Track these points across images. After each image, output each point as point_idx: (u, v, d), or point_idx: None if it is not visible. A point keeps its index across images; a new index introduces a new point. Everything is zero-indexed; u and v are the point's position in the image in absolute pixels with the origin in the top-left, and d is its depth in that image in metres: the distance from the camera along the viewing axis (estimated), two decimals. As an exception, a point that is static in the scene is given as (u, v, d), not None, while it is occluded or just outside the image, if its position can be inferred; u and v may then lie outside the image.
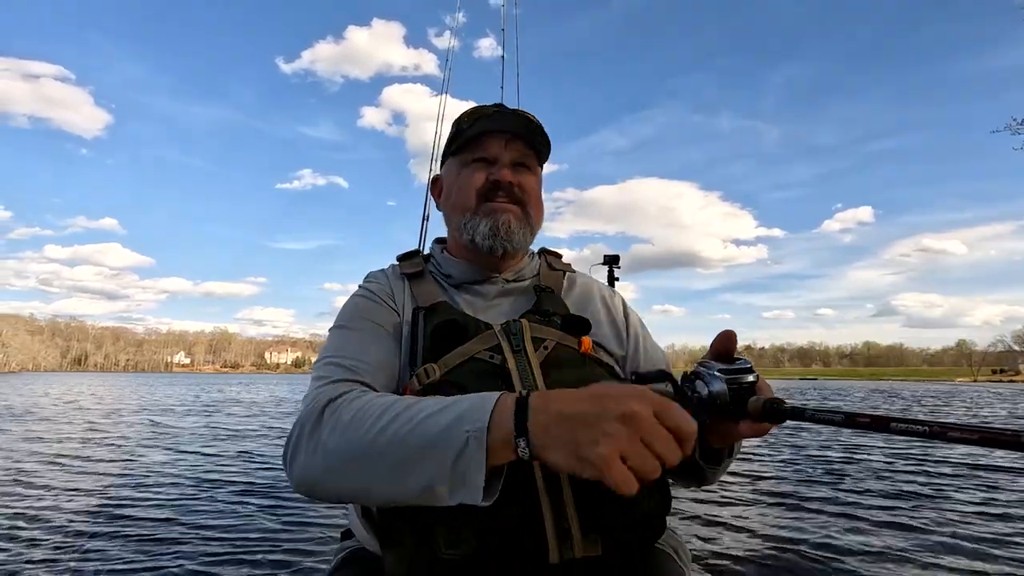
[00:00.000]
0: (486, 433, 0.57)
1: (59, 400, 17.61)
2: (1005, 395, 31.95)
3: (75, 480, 5.05)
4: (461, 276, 0.97)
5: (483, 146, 0.93)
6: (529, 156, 0.96)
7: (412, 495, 0.61)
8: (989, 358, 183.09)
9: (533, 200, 0.96)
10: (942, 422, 0.46)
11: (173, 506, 4.09)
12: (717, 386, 0.64)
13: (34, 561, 2.94)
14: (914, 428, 0.47)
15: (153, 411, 13.56)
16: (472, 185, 0.93)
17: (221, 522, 3.68)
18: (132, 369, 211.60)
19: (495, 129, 0.92)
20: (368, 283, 0.96)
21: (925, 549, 3.28)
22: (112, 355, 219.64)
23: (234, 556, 3.04)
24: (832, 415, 0.54)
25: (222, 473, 5.44)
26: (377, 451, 0.62)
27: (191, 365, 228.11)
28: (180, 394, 23.46)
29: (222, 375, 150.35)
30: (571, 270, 1.07)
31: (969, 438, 0.43)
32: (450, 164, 1.00)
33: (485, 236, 0.91)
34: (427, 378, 0.77)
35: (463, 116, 0.98)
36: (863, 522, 3.84)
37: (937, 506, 4.28)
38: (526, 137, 0.94)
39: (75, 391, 24.51)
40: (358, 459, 0.63)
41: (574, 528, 0.69)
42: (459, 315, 0.86)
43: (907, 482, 5.29)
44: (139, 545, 3.19)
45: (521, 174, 0.94)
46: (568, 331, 0.85)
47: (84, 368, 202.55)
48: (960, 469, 6.06)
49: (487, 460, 0.57)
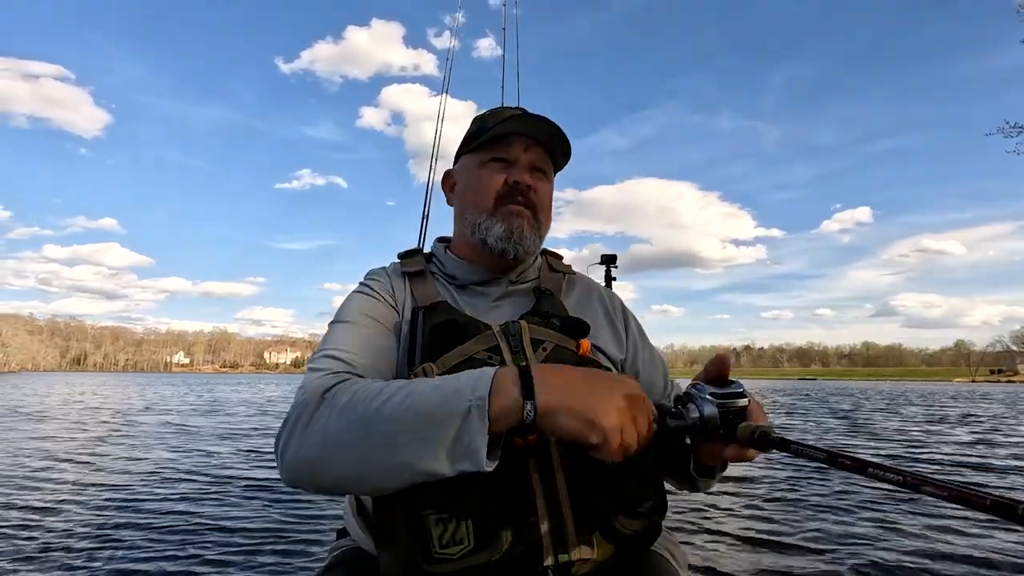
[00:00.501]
0: (487, 401, 0.59)
1: (66, 399, 17.65)
2: (992, 395, 31.94)
3: (65, 480, 5.06)
4: (465, 277, 0.97)
5: (504, 147, 0.93)
6: (547, 163, 0.97)
7: (412, 470, 0.61)
8: (987, 358, 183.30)
9: (545, 207, 0.97)
10: (917, 473, 0.46)
11: (170, 506, 4.08)
12: (708, 410, 0.66)
13: (23, 558, 2.98)
14: (888, 476, 0.48)
15: (156, 410, 13.62)
16: (491, 186, 0.93)
17: (216, 521, 3.67)
18: (131, 369, 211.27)
19: (520, 131, 0.92)
20: (369, 280, 0.96)
21: (923, 556, 3.22)
22: (111, 355, 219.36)
23: (229, 555, 3.03)
24: (815, 451, 0.56)
25: (219, 472, 5.45)
26: (375, 427, 0.62)
27: (190, 365, 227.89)
28: (181, 393, 23.52)
29: (221, 375, 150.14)
30: (571, 271, 1.07)
31: (939, 494, 0.44)
32: (467, 161, 0.99)
33: (499, 238, 0.91)
34: (425, 377, 0.78)
35: (486, 114, 0.98)
36: (859, 525, 3.84)
37: (939, 511, 4.21)
38: (546, 143, 0.94)
39: (78, 391, 24.51)
40: (355, 436, 0.63)
41: (569, 529, 0.70)
42: (459, 315, 0.86)
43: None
44: (132, 544, 3.19)
45: (537, 180, 0.95)
46: (567, 333, 0.86)
47: (83, 368, 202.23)
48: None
49: (488, 427, 0.58)
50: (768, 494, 4.85)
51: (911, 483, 0.46)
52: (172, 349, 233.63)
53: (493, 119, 0.95)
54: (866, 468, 0.50)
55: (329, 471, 0.65)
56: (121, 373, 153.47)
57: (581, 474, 0.72)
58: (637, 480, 0.75)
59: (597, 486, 0.72)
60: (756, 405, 0.69)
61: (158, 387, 32.42)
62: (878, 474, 0.49)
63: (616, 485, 0.73)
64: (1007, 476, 5.89)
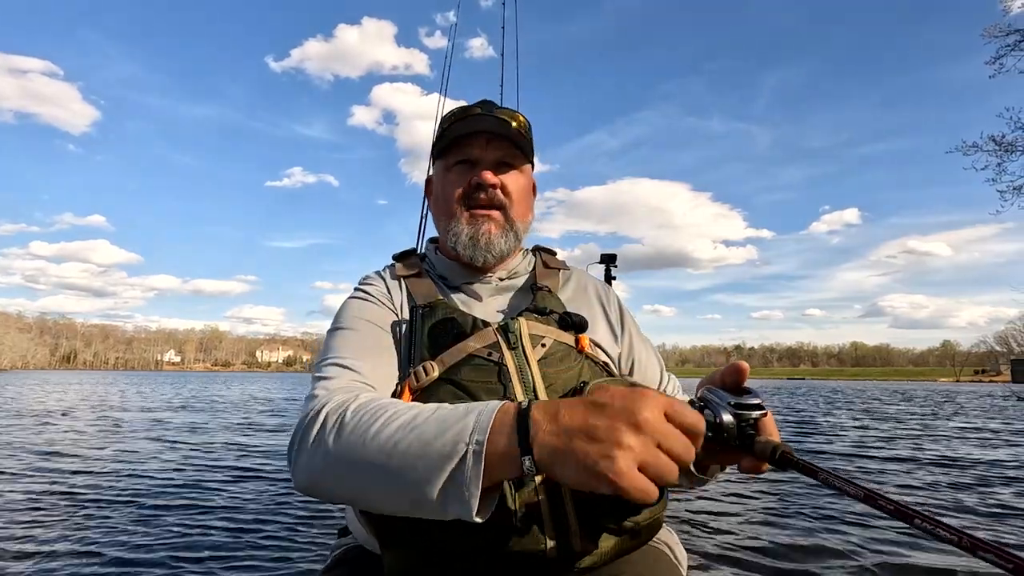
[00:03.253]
0: (484, 448, 0.55)
1: (72, 397, 17.47)
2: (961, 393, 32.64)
3: (55, 478, 4.87)
4: (454, 277, 0.97)
5: (464, 147, 0.92)
6: (514, 154, 0.93)
7: (405, 506, 0.60)
8: (972, 359, 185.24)
9: (518, 201, 0.95)
10: (975, 538, 0.41)
11: (168, 501, 4.05)
12: (726, 417, 0.63)
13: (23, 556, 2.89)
14: (939, 532, 0.43)
15: (156, 408, 13.39)
16: (455, 190, 0.92)
17: (216, 517, 3.63)
18: (122, 367, 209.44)
19: (477, 130, 0.91)
20: (364, 284, 0.95)
21: (921, 550, 3.08)
22: (101, 353, 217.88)
23: (230, 552, 3.00)
24: (848, 485, 0.50)
25: (218, 469, 5.38)
26: (374, 459, 0.61)
27: (181, 363, 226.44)
28: (175, 391, 23.01)
29: (213, 373, 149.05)
30: (566, 267, 1.06)
31: (1002, 564, 0.39)
32: (436, 167, 0.99)
33: (466, 246, 0.91)
34: (425, 376, 0.77)
35: (446, 117, 0.97)
36: (858, 517, 3.74)
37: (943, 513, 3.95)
38: (510, 135, 0.92)
39: (73, 388, 24.02)
40: (355, 464, 0.62)
41: (572, 524, 0.69)
42: (457, 313, 0.85)
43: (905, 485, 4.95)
44: (129, 540, 3.17)
45: (505, 173, 0.92)
46: (565, 329, 0.85)
47: (73, 366, 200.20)
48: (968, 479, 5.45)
49: (484, 475, 0.54)
50: (768, 488, 4.67)
51: (967, 545, 0.41)
52: (163, 347, 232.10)
53: (450, 121, 0.94)
54: (912, 518, 0.45)
55: (332, 490, 0.65)
56: (112, 371, 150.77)
57: None
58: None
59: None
60: (770, 419, 0.66)
61: (156, 385, 30.99)
62: (927, 527, 0.44)
63: None
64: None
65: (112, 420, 10.25)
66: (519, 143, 0.93)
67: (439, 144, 0.95)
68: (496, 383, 0.75)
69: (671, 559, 0.85)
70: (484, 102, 0.97)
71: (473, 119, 0.92)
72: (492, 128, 0.91)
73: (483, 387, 0.75)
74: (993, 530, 3.63)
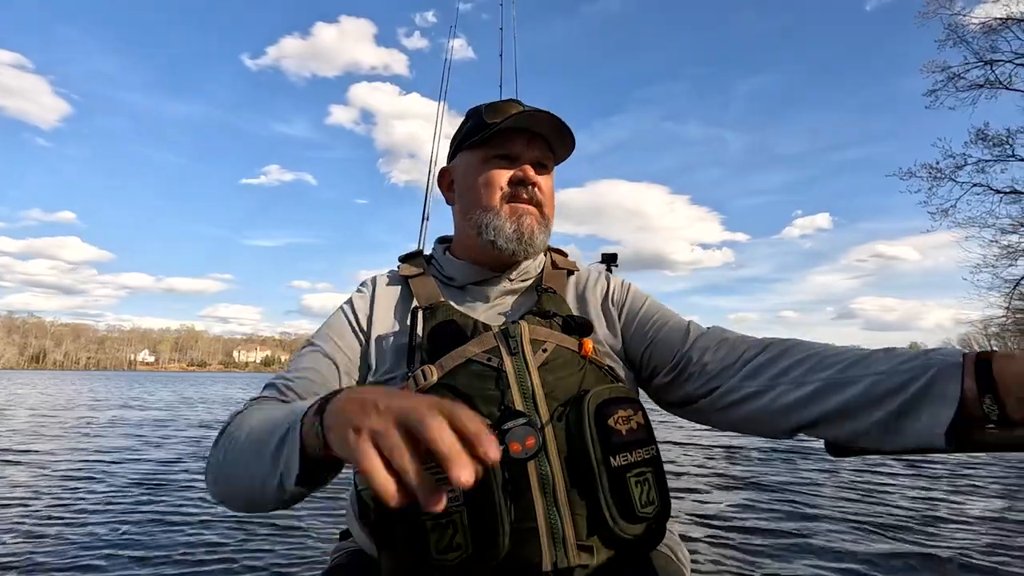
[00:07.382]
0: (300, 422, 0.58)
1: (58, 398, 17.46)
2: None
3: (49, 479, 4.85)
4: (464, 278, 0.94)
5: (506, 142, 0.89)
6: (548, 157, 0.93)
7: (256, 489, 0.63)
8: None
9: (549, 202, 0.94)
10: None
11: (168, 503, 4.04)
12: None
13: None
14: None
15: (149, 408, 13.56)
16: (497, 183, 0.89)
17: (215, 518, 3.62)
18: (94, 367, 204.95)
19: (523, 127, 0.89)
20: (354, 295, 0.94)
21: (935, 547, 3.04)
22: (72, 353, 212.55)
23: (231, 554, 2.99)
24: None
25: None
26: (241, 447, 0.66)
27: (156, 363, 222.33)
28: (159, 392, 23.05)
29: (190, 374, 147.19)
30: (575, 268, 1.02)
31: None
32: (466, 157, 0.94)
33: (510, 239, 0.88)
34: (424, 380, 0.76)
35: (483, 108, 0.92)
36: (867, 519, 3.67)
37: (958, 515, 3.82)
38: (547, 137, 0.91)
39: (52, 390, 23.67)
40: (226, 460, 0.68)
41: (569, 535, 0.69)
42: (458, 316, 0.84)
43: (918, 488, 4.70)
44: (131, 543, 3.18)
45: (540, 174, 0.91)
46: (569, 332, 0.83)
47: (43, 366, 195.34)
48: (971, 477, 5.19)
49: (302, 445, 0.57)
50: (773, 491, 4.56)
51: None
52: (137, 347, 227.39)
53: (493, 114, 0.90)
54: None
55: (218, 496, 0.70)
56: (84, 372, 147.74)
57: (581, 480, 0.71)
58: (639, 484, 0.73)
59: (597, 492, 0.71)
60: None
61: (141, 385, 31.54)
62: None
63: (617, 490, 0.71)
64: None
65: (123, 420, 10.52)
66: (555, 147, 0.93)
67: (476, 133, 0.90)
68: (494, 389, 0.74)
69: (675, 562, 0.83)
70: (517, 102, 0.93)
71: (525, 115, 0.87)
72: (544, 127, 0.89)
73: (481, 393, 0.74)
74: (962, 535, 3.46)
